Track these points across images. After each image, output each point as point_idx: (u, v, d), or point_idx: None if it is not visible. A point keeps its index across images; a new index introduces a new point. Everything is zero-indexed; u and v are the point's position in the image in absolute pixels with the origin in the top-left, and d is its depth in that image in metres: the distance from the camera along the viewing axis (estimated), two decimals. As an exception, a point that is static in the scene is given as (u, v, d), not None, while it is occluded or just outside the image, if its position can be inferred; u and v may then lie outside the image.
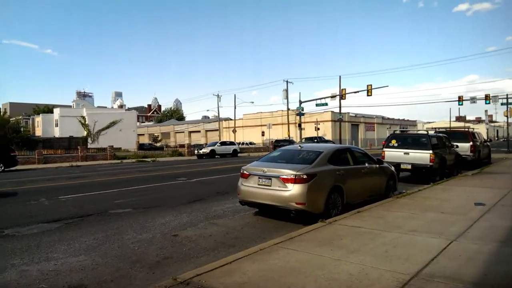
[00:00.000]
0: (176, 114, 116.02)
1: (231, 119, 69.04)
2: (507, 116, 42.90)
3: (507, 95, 41.82)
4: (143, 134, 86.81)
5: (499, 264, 4.15)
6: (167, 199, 9.99)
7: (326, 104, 44.32)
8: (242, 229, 6.74)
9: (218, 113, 60.20)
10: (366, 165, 8.71)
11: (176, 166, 23.61)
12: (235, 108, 57.63)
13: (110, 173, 19.31)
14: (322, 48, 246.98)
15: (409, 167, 13.09)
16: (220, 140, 47.16)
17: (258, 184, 7.24)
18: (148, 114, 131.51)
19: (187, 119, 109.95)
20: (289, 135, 50.11)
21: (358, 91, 43.10)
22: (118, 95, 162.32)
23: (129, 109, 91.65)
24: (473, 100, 42.11)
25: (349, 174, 7.86)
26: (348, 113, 64.03)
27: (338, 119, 47.36)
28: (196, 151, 36.81)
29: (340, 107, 45.35)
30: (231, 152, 36.84)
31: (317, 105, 44.63)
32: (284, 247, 5.02)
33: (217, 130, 65.09)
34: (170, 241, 6.05)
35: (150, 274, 4.55)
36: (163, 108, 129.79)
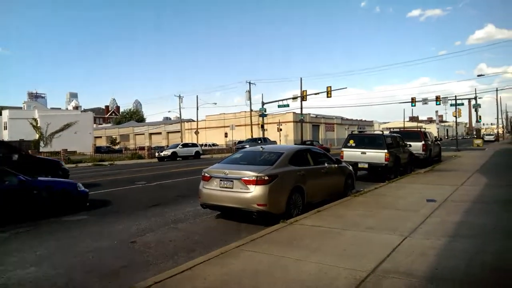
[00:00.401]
0: (135, 116, 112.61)
1: (193, 121, 68.07)
2: (455, 116, 45.81)
3: (455, 96, 44.74)
4: (101, 137, 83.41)
5: (449, 258, 4.39)
6: (125, 205, 9.64)
7: (288, 106, 45.12)
8: (204, 233, 6.64)
9: (180, 114, 59.30)
10: (326, 165, 8.92)
11: (135, 169, 22.90)
12: (197, 109, 56.98)
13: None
14: (285, 50, 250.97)
15: (366, 166, 13.58)
16: (182, 142, 46.37)
17: (220, 187, 7.17)
18: (106, 116, 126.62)
19: (147, 120, 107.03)
20: (252, 136, 50.28)
21: (318, 93, 44.29)
22: (73, 96, 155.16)
23: (85, 110, 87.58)
24: (424, 101, 44.60)
25: (310, 174, 8.00)
26: (309, 114, 65.42)
27: (299, 120, 48.21)
28: (156, 154, 35.91)
29: (301, 108, 46.20)
30: (193, 154, 36.33)
31: (279, 106, 45.32)
32: (246, 249, 5.00)
33: (179, 131, 64.02)
34: (128, 248, 5.83)
35: (106, 283, 4.36)
36: (122, 110, 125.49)
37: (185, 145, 37.45)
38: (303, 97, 43.04)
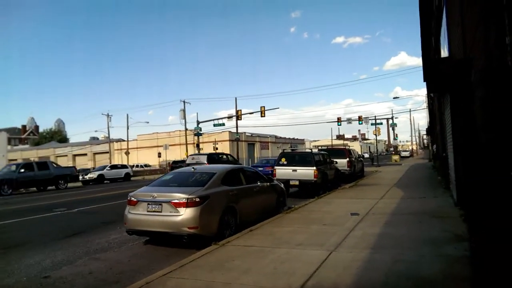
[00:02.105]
0: (57, 136, 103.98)
1: (123, 140, 64.77)
2: (375, 135, 49.87)
3: (375, 116, 48.77)
4: (16, 159, 75.20)
5: (370, 270, 4.64)
6: (39, 235, 8.69)
7: (224, 124, 45.29)
8: (129, 262, 6.22)
9: (109, 134, 56.10)
10: (258, 183, 9.02)
11: (55, 194, 20.94)
12: (127, 128, 54.54)
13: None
14: (221, 70, 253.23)
15: (297, 183, 14.06)
16: (110, 163, 43.74)
17: (148, 211, 6.83)
18: (23, 136, 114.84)
19: (71, 140, 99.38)
20: (187, 156, 49.25)
21: (252, 112, 45.32)
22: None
23: (-3, 130, 78.57)
24: (349, 121, 48.00)
25: (242, 194, 8.01)
26: (245, 132, 66.27)
27: (235, 138, 48.62)
28: (81, 177, 33.33)
29: (237, 127, 46.68)
30: (123, 176, 34.39)
31: (214, 125, 45.25)
32: (173, 277, 4.77)
33: (107, 152, 60.33)
34: (39, 284, 5.23)
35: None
36: (41, 129, 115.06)
37: (114, 167, 35.35)
38: (238, 116, 43.59)
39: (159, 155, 51.66)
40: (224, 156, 30.41)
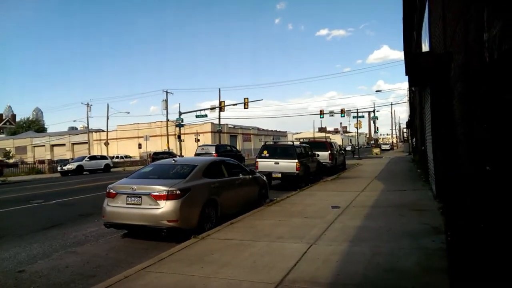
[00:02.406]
0: (35, 125, 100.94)
1: (103, 131, 63.43)
2: (357, 128, 50.53)
3: (357, 109, 49.40)
4: (-9, 149, 72.70)
5: (349, 263, 4.68)
6: (14, 228, 8.42)
7: (206, 116, 44.88)
8: (107, 255, 6.09)
9: (88, 124, 54.83)
10: (240, 176, 8.97)
11: (32, 186, 20.38)
12: (107, 118, 53.39)
13: None
14: (204, 60, 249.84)
15: (279, 175, 14.10)
16: (89, 154, 42.81)
17: (127, 204, 6.69)
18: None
19: (49, 130, 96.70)
20: (168, 147, 48.73)
21: (236, 104, 45.19)
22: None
23: (-30, 119, 75.62)
24: (331, 113, 48.38)
25: (224, 186, 7.95)
26: (227, 124, 65.99)
27: (217, 130, 48.36)
28: (59, 168, 32.54)
29: (219, 118, 46.45)
30: (102, 167, 33.73)
31: (197, 116, 44.80)
32: (152, 271, 4.69)
33: (86, 143, 59.00)
34: (14, 279, 5.07)
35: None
36: (18, 118, 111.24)
37: (93, 158, 34.64)
38: (222, 108, 43.31)
39: (140, 146, 50.92)
40: (228, 147, 33.38)
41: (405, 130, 64.02)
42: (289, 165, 13.91)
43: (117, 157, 49.51)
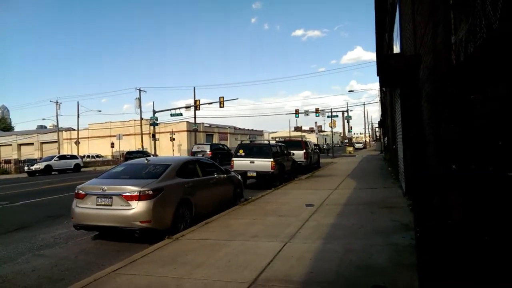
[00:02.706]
0: (1, 124, 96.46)
1: (73, 129, 61.34)
2: (331, 127, 51.35)
3: (331, 109, 50.20)
4: (-49, 149, 68.74)
5: (323, 260, 4.73)
6: (-24, 231, 8.01)
7: (181, 115, 44.34)
8: (76, 258, 5.89)
9: (57, 122, 52.83)
10: (215, 175, 8.90)
11: (-3, 187, 19.43)
12: (78, 116, 51.60)
13: None
14: (178, 58, 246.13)
15: (255, 174, 14.11)
16: (59, 153, 41.34)
17: (97, 205, 6.49)
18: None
19: (17, 129, 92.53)
20: (142, 146, 47.75)
21: (211, 103, 44.99)
22: None
23: None
24: (306, 113, 48.98)
25: (198, 186, 7.86)
26: (203, 123, 65.38)
27: (193, 129, 47.82)
28: (26, 168, 31.23)
29: (195, 117, 45.91)
30: (72, 167, 32.64)
31: (172, 115, 44.16)
32: (123, 273, 4.57)
33: (56, 142, 56.88)
34: (-25, 285, 4.80)
35: None
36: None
37: (62, 157, 33.47)
38: (197, 106, 42.84)
39: (112, 145, 49.65)
40: (221, 146, 35.90)
41: (377, 129, 65.71)
42: (264, 164, 13.95)
43: (88, 156, 48.06)
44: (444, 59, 3.65)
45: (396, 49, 10.43)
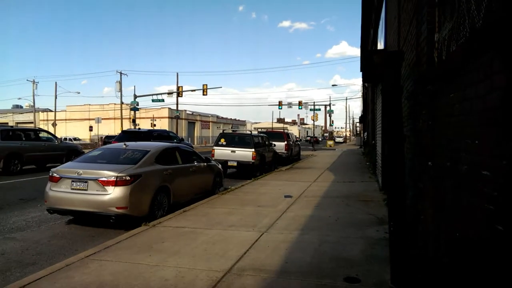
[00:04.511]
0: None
1: (51, 111, 59.52)
2: (313, 120, 51.76)
3: (314, 102, 50.50)
4: None
5: (298, 251, 4.79)
6: None
7: (163, 100, 43.59)
8: (49, 242, 5.76)
9: (34, 103, 51.19)
10: (195, 163, 8.83)
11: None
12: (55, 97, 50.21)
13: None
14: (161, 44, 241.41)
15: (235, 164, 14.10)
16: (34, 134, 40.05)
17: (72, 189, 6.34)
18: None
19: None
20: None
21: (194, 90, 44.30)
22: None
23: None
24: (289, 105, 49.11)
25: (177, 174, 7.78)
26: (185, 110, 64.63)
27: (175, 116, 47.18)
28: None
29: (177, 104, 45.25)
30: (48, 149, 31.70)
31: (153, 100, 43.37)
32: (96, 258, 4.50)
33: (32, 123, 55.10)
34: None
35: None
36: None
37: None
38: (179, 93, 42.24)
39: (91, 128, 48.53)
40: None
41: (358, 124, 66.67)
42: (245, 154, 13.95)
43: (65, 139, 46.79)
44: (425, 57, 3.69)
45: (381, 45, 10.53)
